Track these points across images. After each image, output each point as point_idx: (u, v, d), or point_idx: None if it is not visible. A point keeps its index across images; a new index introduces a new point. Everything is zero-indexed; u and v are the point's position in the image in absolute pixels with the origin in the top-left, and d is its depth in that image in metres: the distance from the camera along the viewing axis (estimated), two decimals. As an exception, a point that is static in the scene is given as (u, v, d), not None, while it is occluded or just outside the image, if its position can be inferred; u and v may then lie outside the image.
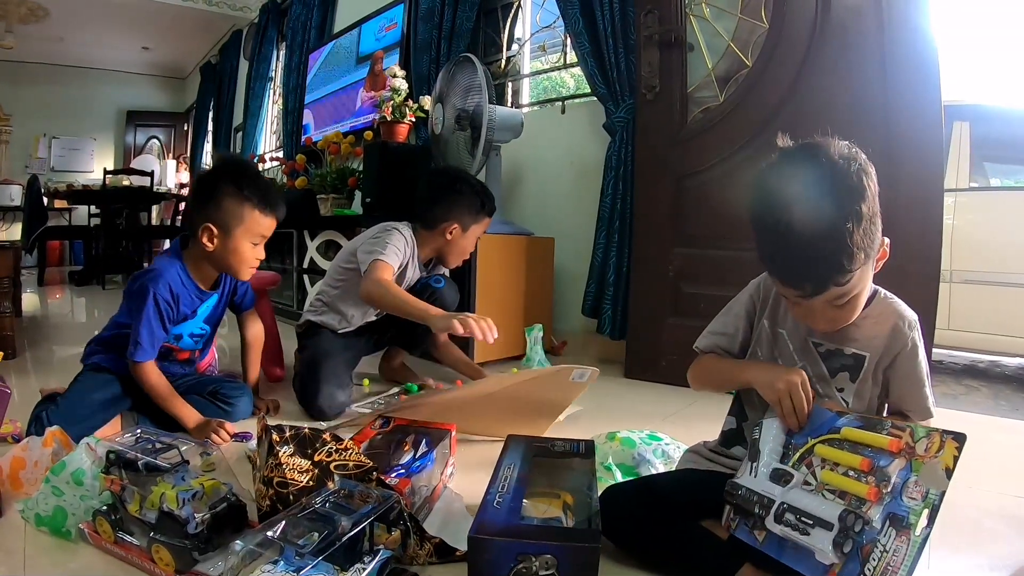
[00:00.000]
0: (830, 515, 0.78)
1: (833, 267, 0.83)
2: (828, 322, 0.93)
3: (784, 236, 0.85)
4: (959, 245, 3.06)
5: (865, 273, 0.88)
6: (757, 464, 0.89)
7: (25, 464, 1.16)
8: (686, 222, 2.26)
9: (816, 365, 0.99)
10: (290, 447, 1.00)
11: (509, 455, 1.09)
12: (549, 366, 2.02)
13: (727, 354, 1.08)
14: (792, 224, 0.84)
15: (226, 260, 1.55)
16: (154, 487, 0.93)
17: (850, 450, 0.81)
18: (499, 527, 0.83)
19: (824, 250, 0.83)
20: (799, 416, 0.89)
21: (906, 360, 0.96)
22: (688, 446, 1.20)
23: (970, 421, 2.04)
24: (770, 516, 0.83)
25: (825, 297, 0.87)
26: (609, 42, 2.55)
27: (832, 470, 0.82)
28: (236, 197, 1.50)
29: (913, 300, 1.78)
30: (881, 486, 0.76)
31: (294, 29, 5.28)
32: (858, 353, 0.97)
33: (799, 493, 0.83)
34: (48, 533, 1.02)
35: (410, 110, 3.13)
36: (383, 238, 1.88)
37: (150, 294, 1.47)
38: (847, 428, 0.84)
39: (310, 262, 3.39)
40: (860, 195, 0.84)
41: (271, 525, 0.79)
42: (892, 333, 0.96)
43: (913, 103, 1.84)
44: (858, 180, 0.85)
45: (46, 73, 8.19)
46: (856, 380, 0.97)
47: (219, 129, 7.20)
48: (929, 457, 0.74)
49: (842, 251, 0.82)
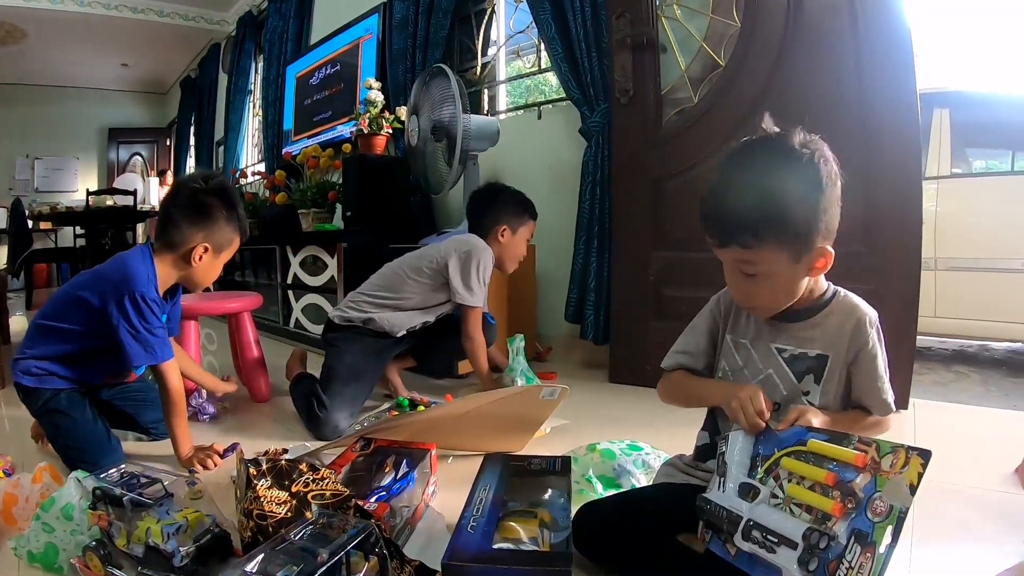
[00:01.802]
0: (794, 533, 0.78)
1: (741, 226, 0.90)
2: (741, 293, 0.98)
3: (719, 184, 0.95)
4: (943, 232, 3.07)
5: (777, 261, 0.92)
6: (725, 479, 0.89)
7: (17, 500, 1.18)
8: (665, 225, 2.27)
9: (781, 371, 1.01)
10: (267, 480, 1.00)
11: (485, 476, 1.10)
12: (532, 375, 2.03)
13: (692, 372, 1.11)
14: (730, 178, 0.94)
15: (199, 276, 1.58)
16: (140, 522, 0.95)
17: (816, 463, 0.81)
18: (472, 553, 0.85)
19: (739, 206, 0.90)
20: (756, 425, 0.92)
21: (867, 357, 0.97)
22: (669, 456, 1.21)
23: (957, 412, 2.06)
24: (738, 533, 0.83)
25: (731, 255, 0.94)
26: (582, 46, 2.56)
27: (798, 484, 0.82)
28: (229, 222, 1.56)
29: (894, 289, 1.84)
30: (846, 501, 0.76)
31: (271, 41, 5.27)
32: (821, 354, 0.99)
33: (765, 509, 0.83)
34: (41, 569, 1.03)
35: (387, 122, 3.13)
36: (477, 268, 1.97)
37: (147, 298, 1.46)
38: (813, 441, 0.84)
39: (294, 277, 3.39)
40: (801, 180, 0.90)
41: (250, 559, 0.80)
42: (853, 331, 0.98)
43: (889, 94, 1.85)
44: (808, 171, 0.90)
45: (26, 93, 8.16)
46: (821, 381, 0.98)
47: (201, 143, 7.17)
48: (894, 473, 0.74)
49: (754, 216, 0.89)
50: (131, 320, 1.45)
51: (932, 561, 1.06)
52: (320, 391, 1.83)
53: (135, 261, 1.51)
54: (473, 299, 1.97)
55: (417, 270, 2.00)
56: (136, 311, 1.45)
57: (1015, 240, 2.95)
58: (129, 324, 1.45)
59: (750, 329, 1.05)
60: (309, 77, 4.69)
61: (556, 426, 1.76)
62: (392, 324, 1.98)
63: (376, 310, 1.97)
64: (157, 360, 1.48)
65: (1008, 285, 2.96)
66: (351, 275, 2.84)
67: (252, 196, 4.34)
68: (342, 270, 2.92)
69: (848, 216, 1.88)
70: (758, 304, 0.99)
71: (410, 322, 2.01)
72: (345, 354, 1.93)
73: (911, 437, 1.67)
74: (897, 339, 1.82)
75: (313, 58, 4.66)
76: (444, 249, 2.01)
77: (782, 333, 1.02)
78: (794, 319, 1.01)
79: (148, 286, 1.47)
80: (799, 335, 1.00)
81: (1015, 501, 1.12)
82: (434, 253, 2.02)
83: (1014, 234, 2.95)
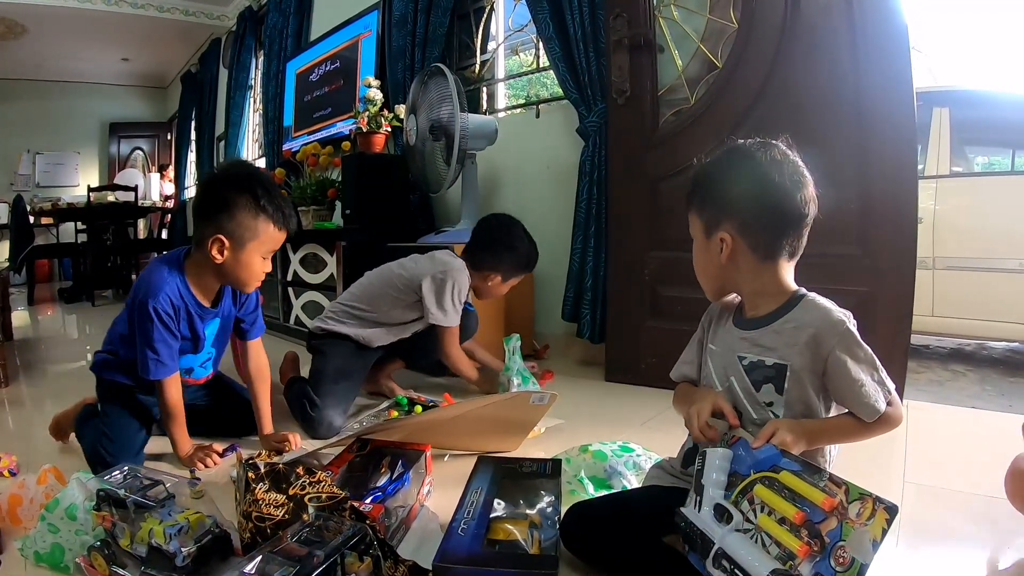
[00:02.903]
0: (760, 572, 0.77)
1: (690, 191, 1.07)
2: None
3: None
4: (941, 231, 3.08)
5: (695, 227, 1.06)
6: (701, 499, 0.89)
7: (22, 501, 1.20)
8: (661, 225, 2.29)
9: (741, 379, 1.01)
10: (265, 483, 1.03)
11: (477, 479, 1.13)
12: (528, 375, 2.06)
13: (692, 380, 1.14)
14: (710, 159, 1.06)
15: (235, 273, 1.49)
16: (143, 523, 0.97)
17: (788, 498, 0.80)
18: (462, 555, 0.87)
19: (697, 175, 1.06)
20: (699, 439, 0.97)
21: (837, 365, 0.93)
22: (660, 458, 1.24)
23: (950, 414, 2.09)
24: (708, 559, 0.83)
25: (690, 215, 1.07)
26: (580, 46, 2.57)
27: (769, 515, 0.80)
28: (251, 209, 1.44)
29: (889, 290, 1.86)
30: (813, 543, 0.74)
31: (271, 37, 5.27)
32: (778, 363, 0.97)
33: (737, 539, 0.82)
34: (48, 569, 1.06)
35: (386, 120, 3.14)
36: (452, 291, 1.99)
37: (150, 311, 1.43)
38: (786, 472, 0.82)
39: (294, 275, 3.41)
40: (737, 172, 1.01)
41: (249, 560, 0.83)
42: (812, 340, 0.94)
43: (885, 95, 1.85)
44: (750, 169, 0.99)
45: (27, 89, 8.15)
46: (783, 391, 0.96)
47: (202, 138, 7.17)
48: (860, 524, 0.71)
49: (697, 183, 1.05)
50: (134, 330, 1.48)
51: (918, 564, 1.07)
52: (311, 392, 1.87)
53: (159, 270, 1.49)
54: (447, 320, 2.00)
55: (391, 284, 2.04)
56: (139, 322, 1.45)
57: (1014, 240, 2.96)
58: (135, 334, 1.48)
59: (721, 337, 1.08)
60: (309, 73, 4.69)
61: (551, 426, 1.79)
62: (367, 340, 2.02)
63: (352, 325, 2.02)
64: (148, 376, 1.46)
65: (1006, 285, 2.97)
66: (350, 273, 2.85)
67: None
68: (341, 268, 2.94)
69: (842, 215, 1.91)
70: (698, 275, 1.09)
71: (385, 339, 2.06)
72: (331, 357, 1.98)
73: (903, 438, 1.69)
74: (891, 339, 1.84)
75: (313, 54, 4.66)
76: (420, 268, 2.03)
77: (745, 341, 1.02)
78: (756, 325, 1.01)
79: (160, 298, 1.44)
80: (759, 343, 1.00)
81: (1003, 506, 1.14)
82: (410, 269, 2.05)
83: (1013, 234, 2.96)
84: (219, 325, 1.61)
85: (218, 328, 1.62)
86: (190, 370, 1.63)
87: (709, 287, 1.08)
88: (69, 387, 2.51)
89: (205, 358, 1.66)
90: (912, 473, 1.46)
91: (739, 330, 1.04)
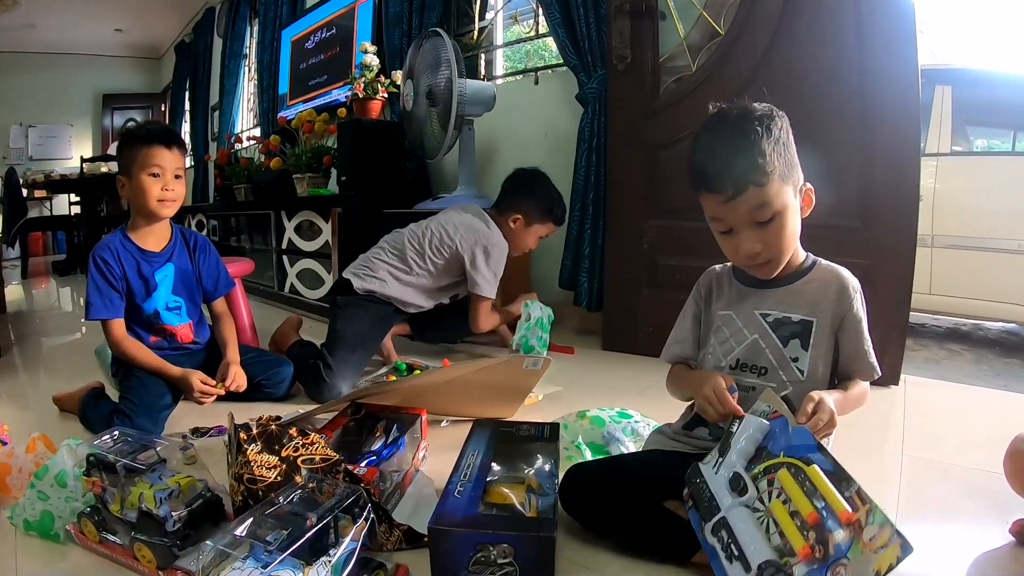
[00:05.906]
0: (754, 557, 0.75)
1: (751, 164, 0.92)
2: (758, 242, 0.97)
3: (708, 146, 0.98)
4: (941, 210, 3.07)
5: (784, 194, 0.95)
6: (722, 460, 0.88)
7: (11, 470, 1.18)
8: (660, 194, 2.26)
9: (767, 336, 1.01)
10: (257, 444, 1.01)
11: (474, 442, 1.11)
12: (531, 346, 2.06)
13: (686, 360, 1.14)
14: (714, 137, 0.97)
15: (138, 201, 1.64)
16: (133, 488, 0.96)
17: (809, 493, 0.76)
18: (458, 518, 0.86)
19: (740, 148, 0.93)
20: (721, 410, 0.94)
21: (853, 321, 0.99)
22: (658, 424, 1.22)
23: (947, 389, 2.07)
24: (709, 524, 0.82)
25: (747, 202, 0.93)
26: (580, 12, 2.51)
27: (784, 504, 0.77)
28: (128, 143, 1.64)
29: (889, 266, 1.84)
30: (817, 548, 0.71)
31: (266, 4, 5.16)
32: (805, 319, 1.00)
33: (742, 514, 0.80)
34: (38, 537, 1.05)
35: (382, 86, 3.09)
36: (490, 259, 2.02)
37: (90, 260, 1.60)
38: (816, 468, 0.77)
39: (288, 243, 3.38)
40: (769, 120, 0.95)
41: (240, 523, 0.81)
42: (837, 296, 0.99)
43: (889, 69, 1.82)
44: (768, 113, 0.96)
45: (19, 61, 8.01)
46: (808, 347, 0.99)
47: (196, 108, 7.08)
48: (871, 549, 0.67)
49: (755, 150, 0.92)
50: None
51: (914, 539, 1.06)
52: (327, 355, 1.84)
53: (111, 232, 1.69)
54: (489, 291, 2.03)
55: (430, 249, 2.01)
56: (88, 274, 1.62)
57: (1013, 220, 2.94)
58: None
59: (733, 298, 1.07)
60: (304, 41, 4.62)
61: (549, 393, 1.77)
62: (406, 303, 2.01)
63: (394, 283, 1.99)
64: (87, 317, 1.58)
65: (1004, 265, 2.96)
66: (346, 240, 2.83)
67: (247, 161, 4.31)
68: (337, 235, 2.91)
69: (844, 191, 1.88)
70: (773, 254, 0.98)
71: (425, 303, 2.06)
72: (354, 320, 1.94)
73: (900, 413, 1.68)
74: (890, 315, 1.83)
75: (308, 22, 4.58)
76: (464, 239, 2.01)
77: (766, 299, 1.03)
78: (778, 284, 1.03)
79: (99, 247, 1.62)
80: (783, 300, 1.02)
81: (1000, 481, 1.13)
82: (450, 235, 2.02)
83: (1012, 214, 2.94)
84: (174, 270, 1.71)
85: (174, 273, 1.71)
86: (157, 313, 1.67)
87: (792, 247, 1.01)
88: (62, 359, 2.51)
89: (169, 302, 1.70)
90: (910, 447, 1.45)
91: (758, 290, 1.05)
